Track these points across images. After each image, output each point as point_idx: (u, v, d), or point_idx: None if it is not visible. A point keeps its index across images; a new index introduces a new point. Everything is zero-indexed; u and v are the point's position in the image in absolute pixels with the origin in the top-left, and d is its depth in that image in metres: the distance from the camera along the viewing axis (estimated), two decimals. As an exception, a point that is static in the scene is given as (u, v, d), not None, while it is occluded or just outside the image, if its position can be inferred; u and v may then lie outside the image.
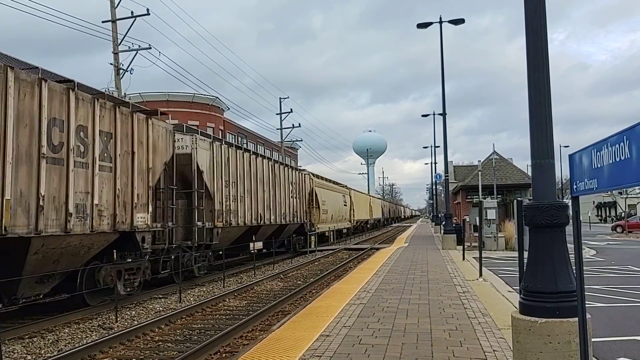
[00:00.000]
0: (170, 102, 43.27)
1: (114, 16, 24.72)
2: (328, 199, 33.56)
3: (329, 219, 33.56)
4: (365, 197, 57.04)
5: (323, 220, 31.61)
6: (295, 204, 25.67)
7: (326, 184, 35.29)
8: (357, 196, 48.98)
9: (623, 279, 14.16)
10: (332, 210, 35.03)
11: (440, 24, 27.10)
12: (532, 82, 4.97)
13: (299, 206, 26.38)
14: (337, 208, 37.03)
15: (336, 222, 36.87)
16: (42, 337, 8.95)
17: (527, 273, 4.80)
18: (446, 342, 6.61)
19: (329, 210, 33.45)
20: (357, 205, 47.71)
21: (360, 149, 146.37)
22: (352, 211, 43.98)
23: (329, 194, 34.19)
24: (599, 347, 6.67)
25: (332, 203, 34.88)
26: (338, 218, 37.62)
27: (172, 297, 13.16)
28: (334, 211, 35.48)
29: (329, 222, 33.76)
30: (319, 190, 31.07)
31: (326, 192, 33.44)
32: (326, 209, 32.50)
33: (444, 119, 28.48)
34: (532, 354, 4.47)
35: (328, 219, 33.40)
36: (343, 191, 41.87)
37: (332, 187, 37.42)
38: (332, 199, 35.14)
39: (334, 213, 35.85)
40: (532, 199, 4.98)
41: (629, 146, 3.20)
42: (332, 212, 34.64)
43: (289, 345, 6.60)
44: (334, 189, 37.36)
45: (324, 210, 31.59)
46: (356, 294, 10.71)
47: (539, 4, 4.97)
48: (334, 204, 35.75)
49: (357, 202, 48.13)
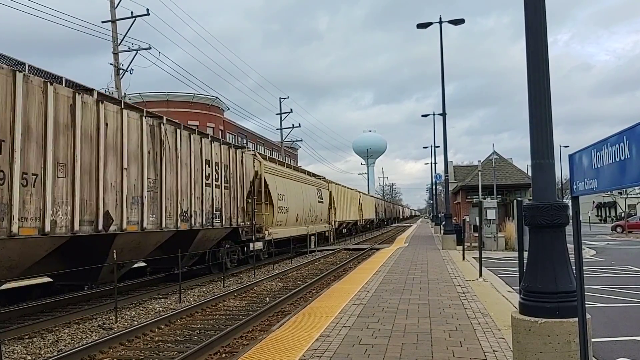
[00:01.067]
0: (170, 102, 43.30)
1: (114, 16, 24.74)
2: (290, 193, 25.07)
3: (291, 220, 25.16)
4: (352, 194, 46.75)
5: (280, 223, 23.40)
6: (221, 196, 16.80)
7: (288, 171, 26.46)
8: (340, 192, 40.34)
9: (623, 279, 14.16)
10: (298, 207, 26.39)
11: (440, 24, 27.16)
12: (532, 82, 4.98)
13: (229, 201, 17.44)
14: (306, 205, 28.36)
15: (306, 225, 28.19)
16: (42, 337, 8.94)
17: (527, 273, 4.80)
18: (446, 342, 6.61)
19: (291, 208, 24.93)
20: (341, 202, 39.58)
21: (360, 149, 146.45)
22: (332, 210, 36.00)
23: (290, 186, 25.44)
24: (599, 347, 6.67)
25: (297, 198, 26.31)
26: (309, 219, 29.20)
27: (172, 297, 13.15)
28: (300, 209, 26.98)
29: (292, 224, 25.39)
30: (273, 179, 22.64)
31: (286, 183, 24.77)
32: (285, 205, 24.02)
33: (444, 119, 28.50)
34: (532, 354, 4.47)
35: (290, 221, 25.00)
36: (318, 184, 33.07)
37: (299, 177, 28.40)
38: (297, 193, 26.54)
39: (302, 212, 27.32)
40: (532, 199, 4.98)
41: (629, 146, 3.20)
42: (296, 210, 26.08)
43: (288, 345, 6.60)
44: (300, 180, 28.42)
45: (282, 208, 23.40)
46: (356, 294, 10.71)
47: (539, 4, 4.97)
48: (300, 199, 27.24)
49: (341, 198, 39.87)
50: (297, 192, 26.77)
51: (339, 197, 39.05)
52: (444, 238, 25.57)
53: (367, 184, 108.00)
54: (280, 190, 23.41)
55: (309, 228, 28.53)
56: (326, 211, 34.29)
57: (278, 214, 22.89)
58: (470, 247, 23.94)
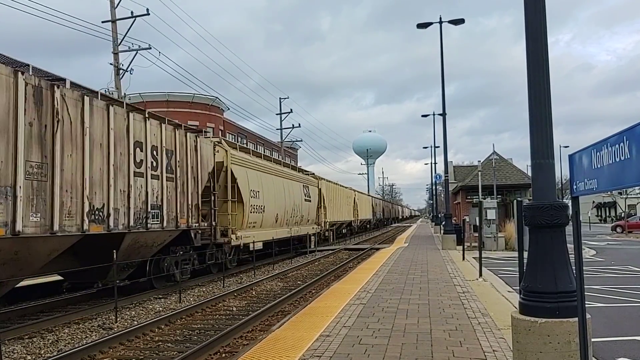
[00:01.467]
0: (170, 102, 43.32)
1: (114, 16, 24.75)
2: (267, 189, 21.37)
3: (268, 220, 21.53)
4: (346, 192, 42.80)
5: (253, 224, 19.77)
6: (161, 190, 12.95)
7: (265, 164, 22.37)
8: (332, 189, 36.34)
9: (623, 279, 14.16)
10: (278, 206, 22.86)
11: (440, 24, 27.18)
12: (532, 82, 4.98)
13: (174, 196, 13.65)
14: (289, 204, 24.76)
15: (289, 226, 24.73)
16: (42, 337, 8.94)
17: (527, 273, 4.80)
18: (446, 342, 6.61)
19: (268, 208, 21.34)
20: (332, 201, 35.92)
21: (360, 149, 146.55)
22: (321, 209, 32.33)
23: (268, 181, 21.75)
24: (599, 347, 6.67)
25: (277, 196, 22.75)
26: (293, 219, 25.56)
27: (172, 297, 13.15)
28: (281, 209, 23.40)
29: (269, 226, 21.83)
30: (243, 173, 18.82)
31: (262, 178, 20.94)
32: (260, 204, 20.35)
33: (444, 120, 28.51)
34: (532, 354, 4.47)
35: (267, 222, 21.38)
36: (305, 180, 29.59)
37: (280, 171, 24.56)
38: (277, 190, 22.90)
39: (283, 212, 23.74)
40: (532, 199, 4.98)
41: (629, 146, 3.20)
42: (276, 209, 22.53)
43: (288, 345, 6.60)
44: (282, 174, 24.66)
45: (255, 207, 19.78)
46: (356, 294, 10.71)
47: (539, 4, 4.97)
48: (282, 197, 23.62)
49: (333, 197, 36.17)
50: (278, 189, 23.12)
51: (331, 196, 35.27)
52: (444, 238, 25.57)
53: (367, 184, 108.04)
54: (254, 186, 19.74)
55: (292, 230, 25.11)
56: (314, 211, 30.43)
57: (250, 214, 19.19)
58: (470, 247, 23.94)
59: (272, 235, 21.80)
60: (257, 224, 20.34)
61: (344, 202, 40.98)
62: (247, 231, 19.05)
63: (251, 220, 19.54)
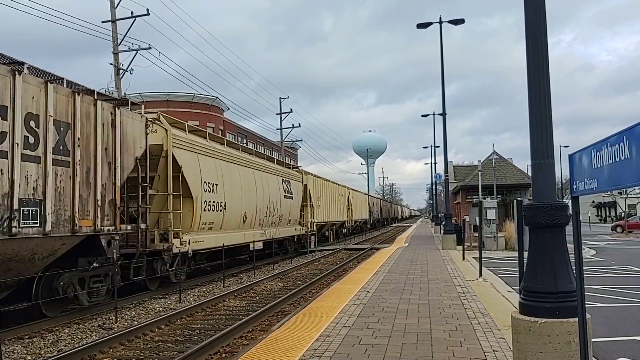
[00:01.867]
0: (170, 102, 43.35)
1: (114, 16, 24.75)
2: (230, 182, 17.55)
3: (231, 221, 17.63)
4: (338, 189, 38.49)
5: (209, 225, 15.89)
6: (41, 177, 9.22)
7: (226, 151, 18.04)
8: (320, 186, 31.91)
9: (623, 279, 14.16)
10: (246, 204, 19.00)
11: (440, 24, 27.19)
12: (532, 82, 4.98)
13: (70, 187, 9.97)
14: (262, 201, 20.81)
15: (262, 227, 20.98)
16: (42, 337, 8.95)
17: (527, 273, 4.80)
18: (446, 342, 6.61)
19: (231, 205, 17.48)
20: (321, 199, 31.67)
21: (360, 149, 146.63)
22: (306, 208, 28.41)
23: (231, 173, 17.88)
24: (599, 347, 6.67)
25: (244, 191, 18.89)
26: (269, 219, 21.90)
27: (172, 297, 13.15)
28: (251, 206, 19.54)
29: (234, 227, 17.93)
30: (193, 160, 15.07)
31: (222, 168, 17.12)
32: (220, 200, 16.53)
33: (444, 120, 28.52)
34: (532, 354, 4.47)
35: (229, 222, 17.46)
36: (286, 174, 25.48)
37: (249, 161, 20.22)
38: (245, 183, 19.04)
39: (254, 210, 19.81)
40: (532, 199, 4.98)
41: (629, 146, 3.20)
42: (242, 207, 18.66)
43: (289, 345, 6.60)
44: (253, 165, 20.45)
45: (211, 204, 15.88)
46: (356, 294, 10.71)
47: (539, 4, 4.97)
48: (252, 192, 19.77)
49: (321, 194, 31.81)
50: (247, 183, 19.27)
51: (319, 193, 31.22)
52: (444, 238, 25.57)
53: (367, 184, 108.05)
54: (210, 177, 15.95)
55: (268, 232, 21.50)
56: (297, 209, 26.72)
57: (204, 213, 15.35)
58: (470, 247, 23.94)
59: (237, 238, 18.10)
60: (216, 224, 16.41)
61: (336, 200, 37.16)
62: (201, 234, 15.28)
63: (205, 220, 15.58)
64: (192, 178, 14.78)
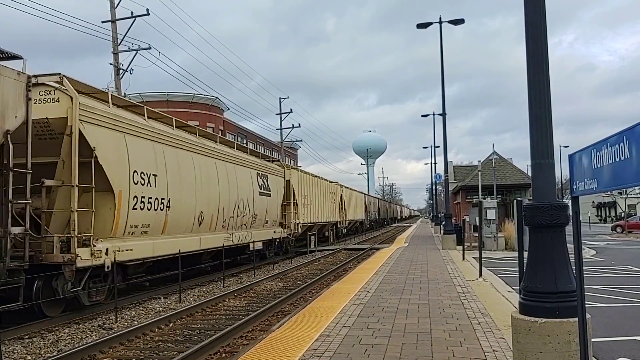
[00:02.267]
0: (170, 102, 43.35)
1: (114, 16, 24.75)
2: (174, 172, 13.83)
3: (177, 223, 13.90)
4: (329, 187, 35.09)
5: (142, 229, 12.30)
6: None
7: (164, 130, 13.91)
8: (307, 182, 28.45)
9: (623, 279, 14.16)
10: (203, 200, 15.41)
11: (440, 24, 27.20)
12: (532, 82, 4.98)
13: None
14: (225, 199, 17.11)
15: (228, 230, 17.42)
16: (42, 337, 8.95)
17: (527, 273, 4.80)
18: (446, 342, 6.61)
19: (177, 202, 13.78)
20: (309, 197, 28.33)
21: (360, 149, 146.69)
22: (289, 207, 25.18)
23: (176, 159, 14.04)
24: (599, 347, 6.67)
25: (200, 184, 15.24)
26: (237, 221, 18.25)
27: (172, 297, 13.15)
28: (210, 204, 15.99)
29: (182, 231, 14.22)
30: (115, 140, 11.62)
31: (161, 152, 13.27)
32: (161, 196, 13.07)
33: (443, 120, 28.52)
34: (532, 354, 4.47)
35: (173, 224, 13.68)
36: (261, 167, 21.76)
37: (206, 147, 16.29)
38: (199, 175, 15.28)
39: (213, 209, 16.15)
40: (532, 199, 4.98)
41: (629, 146, 3.20)
42: (197, 205, 15.03)
43: (289, 345, 6.60)
44: (212, 153, 16.68)
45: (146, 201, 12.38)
46: (356, 294, 10.71)
47: (539, 4, 4.97)
48: (213, 187, 16.26)
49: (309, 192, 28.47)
50: (205, 174, 15.61)
51: (305, 190, 27.83)
52: (444, 238, 25.57)
53: (367, 184, 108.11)
54: (144, 166, 12.24)
55: (236, 236, 17.88)
56: (277, 209, 23.34)
57: (133, 213, 11.80)
58: (470, 247, 23.94)
59: (190, 244, 14.38)
60: (154, 227, 12.74)
61: (327, 199, 33.61)
62: (129, 240, 11.76)
63: (137, 222, 11.94)
64: (114, 166, 11.33)
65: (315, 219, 29.97)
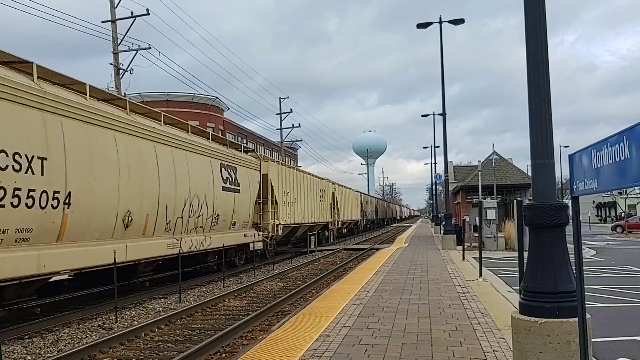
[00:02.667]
0: (170, 102, 43.33)
1: (114, 16, 24.75)
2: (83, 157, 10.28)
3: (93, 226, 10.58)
4: (318, 184, 31.66)
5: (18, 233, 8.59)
6: None
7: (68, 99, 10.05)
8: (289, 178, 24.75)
9: (623, 279, 14.16)
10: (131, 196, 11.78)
11: (440, 24, 27.20)
12: (532, 82, 4.97)
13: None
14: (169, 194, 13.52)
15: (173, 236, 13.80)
16: (42, 337, 8.95)
17: (527, 273, 4.80)
18: (446, 343, 6.61)
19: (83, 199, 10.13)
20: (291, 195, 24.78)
21: (360, 149, 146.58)
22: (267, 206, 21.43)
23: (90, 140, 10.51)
24: (599, 347, 6.67)
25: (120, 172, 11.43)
26: (190, 223, 14.79)
27: (172, 297, 13.15)
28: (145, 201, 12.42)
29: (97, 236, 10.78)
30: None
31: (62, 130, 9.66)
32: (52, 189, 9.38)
33: (443, 119, 28.51)
34: (532, 354, 4.47)
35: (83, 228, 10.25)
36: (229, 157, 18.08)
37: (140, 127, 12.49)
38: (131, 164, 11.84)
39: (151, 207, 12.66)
40: (532, 199, 4.98)
41: (629, 146, 3.20)
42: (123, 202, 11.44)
43: (288, 345, 6.60)
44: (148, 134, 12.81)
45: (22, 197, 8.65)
46: (356, 294, 10.71)
47: (539, 5, 4.97)
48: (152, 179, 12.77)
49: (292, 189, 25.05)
50: (135, 162, 12.05)
51: (287, 186, 24.22)
52: (444, 238, 25.57)
53: (367, 184, 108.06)
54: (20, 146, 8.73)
55: (186, 242, 14.30)
56: (249, 207, 19.65)
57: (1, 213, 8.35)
58: (470, 247, 23.94)
59: (103, 256, 10.85)
60: (38, 233, 9.17)
61: (315, 197, 30.02)
62: None
63: (5, 226, 8.43)
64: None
65: (301, 220, 26.41)
